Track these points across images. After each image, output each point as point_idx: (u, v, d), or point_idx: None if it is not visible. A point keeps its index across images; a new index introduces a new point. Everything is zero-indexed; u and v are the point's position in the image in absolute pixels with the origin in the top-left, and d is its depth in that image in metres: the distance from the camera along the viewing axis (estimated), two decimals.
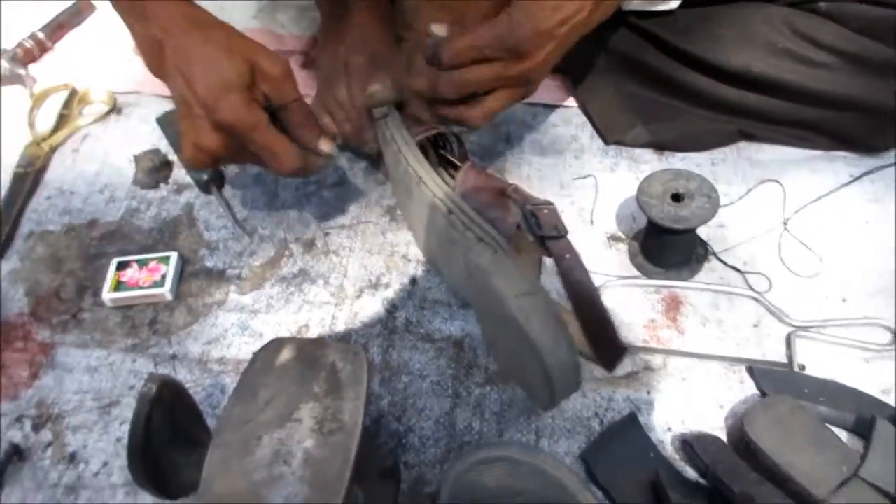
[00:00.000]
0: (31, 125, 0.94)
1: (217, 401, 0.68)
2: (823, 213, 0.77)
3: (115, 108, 0.97)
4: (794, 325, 0.68)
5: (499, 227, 0.61)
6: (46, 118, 0.95)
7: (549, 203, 0.63)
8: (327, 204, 0.83)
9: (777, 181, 0.79)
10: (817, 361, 0.66)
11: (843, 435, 0.61)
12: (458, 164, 0.72)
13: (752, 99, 0.81)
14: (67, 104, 0.97)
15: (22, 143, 0.91)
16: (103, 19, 1.09)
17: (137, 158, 0.87)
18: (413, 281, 0.75)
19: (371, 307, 0.74)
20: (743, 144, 0.85)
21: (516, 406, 0.66)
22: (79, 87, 0.99)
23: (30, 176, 0.88)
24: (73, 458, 0.65)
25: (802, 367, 0.65)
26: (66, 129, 0.94)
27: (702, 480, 0.59)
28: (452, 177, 0.74)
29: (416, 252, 0.78)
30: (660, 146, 0.86)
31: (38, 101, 0.97)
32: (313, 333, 0.72)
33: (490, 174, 0.70)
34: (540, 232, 0.60)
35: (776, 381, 0.64)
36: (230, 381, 0.69)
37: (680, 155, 0.85)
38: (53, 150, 0.93)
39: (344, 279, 0.76)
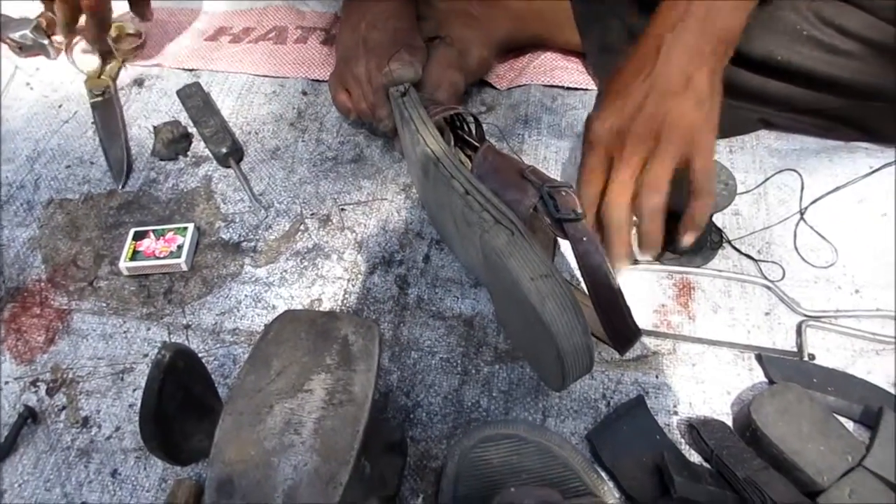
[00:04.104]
0: (75, 64, 1.00)
1: (229, 371, 0.69)
2: (841, 205, 0.76)
3: (143, 43, 1.02)
4: (805, 315, 0.68)
5: (515, 208, 0.61)
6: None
7: (568, 185, 0.63)
8: (343, 180, 0.84)
9: (795, 171, 0.79)
10: (827, 351, 0.66)
11: (849, 425, 0.61)
12: (476, 144, 0.72)
13: (774, 87, 0.80)
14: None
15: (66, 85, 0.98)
16: None
17: (157, 130, 0.88)
18: (426, 259, 0.76)
19: (384, 284, 0.74)
20: (762, 133, 0.84)
21: (524, 385, 0.66)
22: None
23: (111, 100, 0.94)
24: (86, 423, 0.66)
25: (812, 357, 0.65)
26: (117, 61, 1.00)
27: (706, 464, 0.60)
28: (469, 157, 0.74)
29: (430, 230, 0.78)
30: None
31: (67, 46, 1.01)
32: (326, 308, 0.73)
33: (508, 155, 0.70)
34: (557, 214, 0.60)
35: (785, 369, 0.64)
36: (242, 352, 0.70)
37: None
38: (114, 79, 0.98)
39: (358, 255, 0.77)
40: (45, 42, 1.01)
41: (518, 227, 0.58)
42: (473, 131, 0.74)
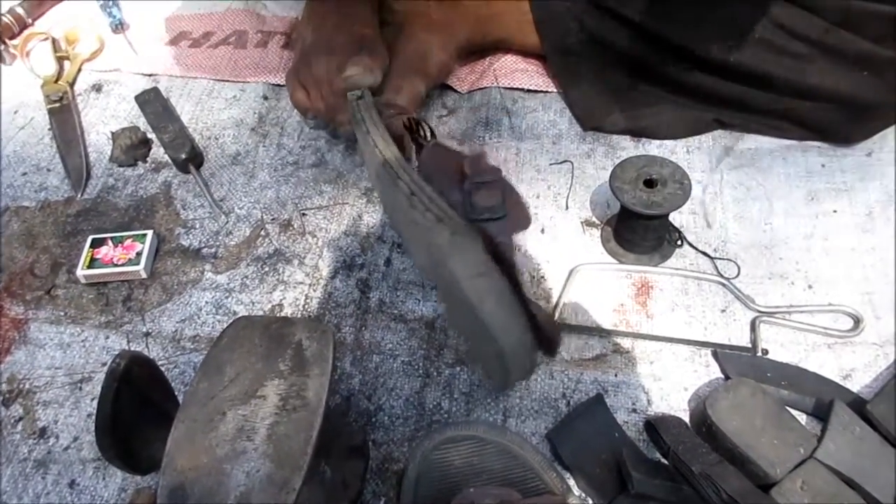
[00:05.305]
0: (31, 70, 0.99)
1: (190, 378, 0.68)
2: (794, 202, 0.78)
3: (101, 47, 1.02)
4: (759, 311, 0.69)
5: (458, 208, 0.60)
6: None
7: (496, 175, 0.60)
8: (305, 185, 0.84)
9: (750, 169, 0.80)
10: (781, 346, 0.67)
11: (802, 418, 0.62)
12: None
13: (729, 88, 0.81)
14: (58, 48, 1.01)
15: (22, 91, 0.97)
16: None
17: (115, 136, 0.87)
18: (387, 262, 0.76)
19: (345, 288, 0.74)
20: (718, 133, 0.86)
21: (485, 386, 0.66)
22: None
23: (68, 106, 0.93)
24: (43, 433, 0.65)
25: (766, 352, 0.67)
26: (74, 65, 0.99)
27: (664, 460, 0.61)
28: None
29: (391, 234, 0.78)
30: (636, 133, 0.86)
31: (22, 51, 1.01)
32: (287, 313, 0.73)
33: (453, 151, 0.68)
34: (472, 215, 0.59)
35: (740, 364, 0.65)
36: None
37: (656, 142, 0.86)
38: (71, 85, 0.97)
39: (319, 260, 0.77)
40: (1, 48, 0.99)
41: (460, 226, 0.58)
42: (429, 136, 0.74)
